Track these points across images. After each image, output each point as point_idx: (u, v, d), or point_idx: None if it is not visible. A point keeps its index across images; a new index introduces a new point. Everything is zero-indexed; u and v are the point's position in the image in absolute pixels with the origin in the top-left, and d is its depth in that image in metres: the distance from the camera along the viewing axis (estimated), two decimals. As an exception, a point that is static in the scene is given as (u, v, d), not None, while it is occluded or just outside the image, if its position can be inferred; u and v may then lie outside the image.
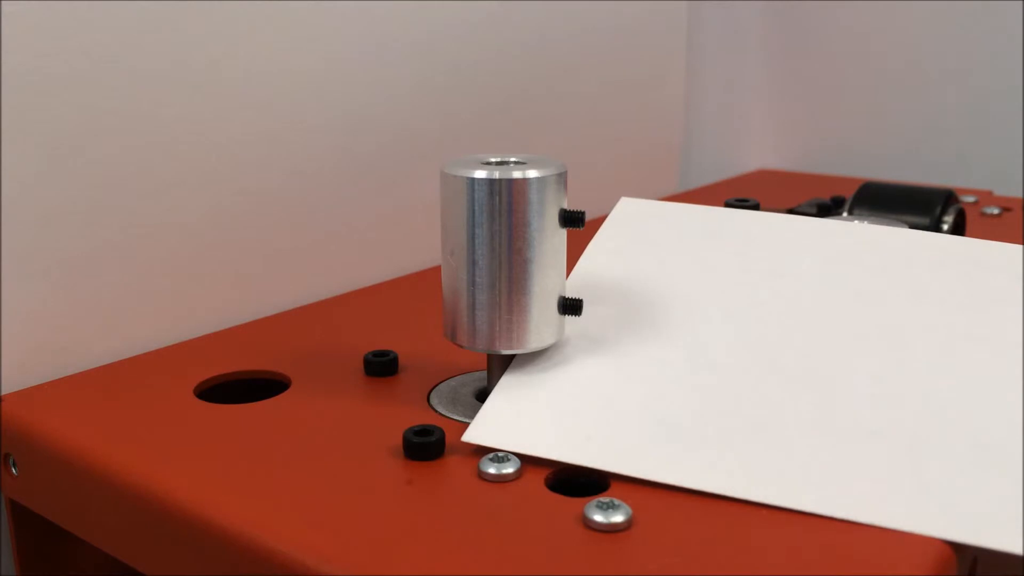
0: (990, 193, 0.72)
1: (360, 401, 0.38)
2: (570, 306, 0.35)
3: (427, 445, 0.33)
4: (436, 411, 0.36)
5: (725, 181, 0.81)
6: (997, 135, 0.76)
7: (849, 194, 0.57)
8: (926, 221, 0.51)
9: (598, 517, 0.29)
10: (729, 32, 0.84)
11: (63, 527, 0.37)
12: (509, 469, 0.31)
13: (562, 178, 0.34)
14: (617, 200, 0.44)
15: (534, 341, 0.35)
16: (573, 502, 0.30)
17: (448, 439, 0.33)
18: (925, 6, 0.79)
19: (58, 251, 0.41)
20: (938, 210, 0.52)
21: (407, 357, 0.41)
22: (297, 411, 0.37)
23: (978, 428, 0.31)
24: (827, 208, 0.62)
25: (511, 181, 0.33)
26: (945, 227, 0.52)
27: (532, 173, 0.33)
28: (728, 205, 0.54)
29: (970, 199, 0.68)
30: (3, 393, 0.40)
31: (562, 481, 0.32)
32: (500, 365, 0.36)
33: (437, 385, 0.39)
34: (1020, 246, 0.38)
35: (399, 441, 0.34)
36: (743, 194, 0.69)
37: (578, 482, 0.32)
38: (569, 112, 0.64)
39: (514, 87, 0.60)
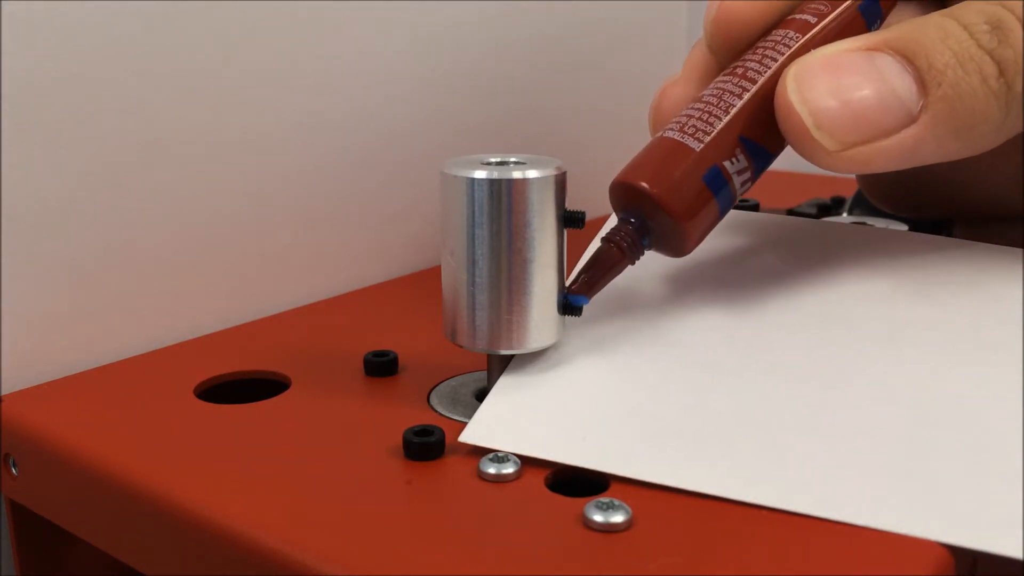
0: (990, 193, 0.72)
1: (360, 401, 0.38)
2: (570, 306, 0.35)
3: (427, 445, 0.33)
4: (436, 411, 0.36)
5: (725, 181, 0.80)
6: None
7: (849, 194, 0.57)
8: (926, 222, 0.51)
9: (598, 517, 0.29)
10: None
11: (63, 527, 0.37)
12: (509, 469, 0.31)
13: (562, 178, 0.34)
14: (617, 200, 0.44)
15: (534, 341, 0.35)
16: (573, 502, 0.30)
17: (448, 439, 0.33)
18: (925, 6, 0.79)
19: (58, 251, 0.41)
20: (938, 210, 0.52)
21: (407, 357, 0.41)
22: (297, 411, 0.37)
23: (977, 431, 0.31)
24: (827, 208, 0.61)
25: (511, 181, 0.33)
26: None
27: (532, 173, 0.33)
28: (728, 205, 0.54)
29: (970, 199, 0.68)
30: (3, 393, 0.40)
31: (562, 481, 0.32)
32: (500, 365, 0.36)
33: (437, 385, 0.39)
34: (1020, 248, 0.38)
35: (399, 441, 0.34)
36: (742, 194, 0.69)
37: (578, 482, 0.32)
38: (569, 112, 0.64)
39: (514, 87, 0.60)
